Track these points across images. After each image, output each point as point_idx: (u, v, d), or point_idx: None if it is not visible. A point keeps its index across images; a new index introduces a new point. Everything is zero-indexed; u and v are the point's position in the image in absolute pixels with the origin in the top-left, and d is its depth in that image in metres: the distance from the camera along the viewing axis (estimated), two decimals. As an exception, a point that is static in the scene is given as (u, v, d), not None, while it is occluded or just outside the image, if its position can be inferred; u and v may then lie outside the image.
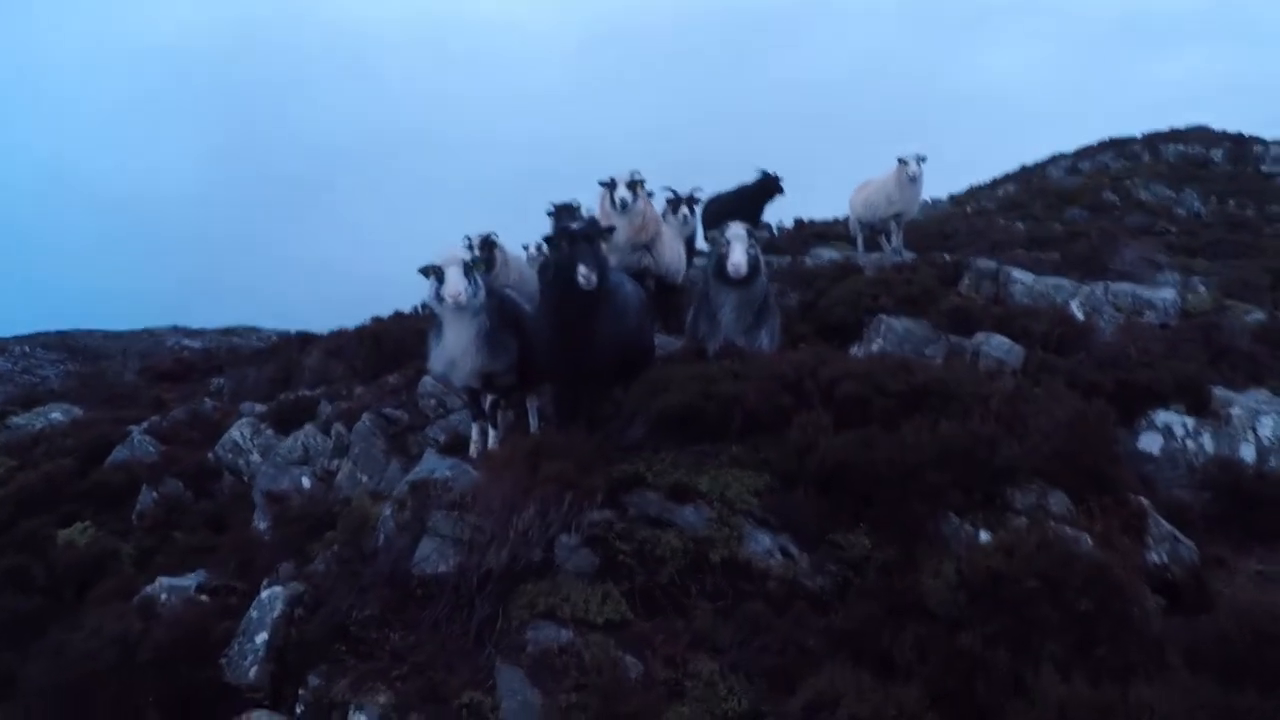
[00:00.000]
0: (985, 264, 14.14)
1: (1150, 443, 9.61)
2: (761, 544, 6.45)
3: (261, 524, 11.18)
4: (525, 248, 16.26)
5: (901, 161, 16.35)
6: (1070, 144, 42.50)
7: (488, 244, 11.74)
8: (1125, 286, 13.94)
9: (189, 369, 23.97)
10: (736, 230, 9.12)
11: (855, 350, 11.74)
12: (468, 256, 8.17)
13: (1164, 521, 7.58)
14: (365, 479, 10.82)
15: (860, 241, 18.02)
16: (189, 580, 9.07)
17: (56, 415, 21.03)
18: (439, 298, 8.06)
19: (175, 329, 43.62)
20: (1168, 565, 7.29)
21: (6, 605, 10.91)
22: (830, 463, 6.79)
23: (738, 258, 8.94)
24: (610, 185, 11.50)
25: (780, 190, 17.65)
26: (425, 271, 8.11)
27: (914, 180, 16.36)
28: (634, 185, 11.49)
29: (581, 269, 7.52)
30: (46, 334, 41.36)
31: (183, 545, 11.55)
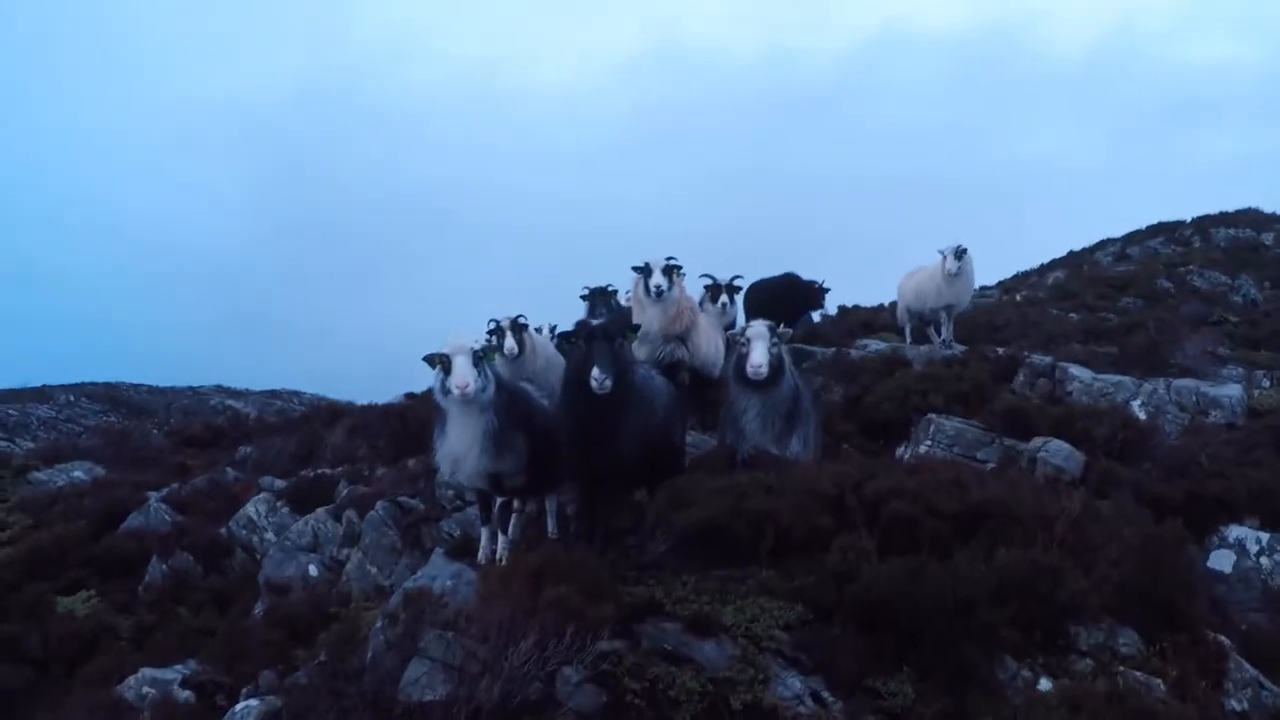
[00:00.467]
0: (1040, 359, 13.46)
1: (1222, 561, 8.94)
2: (790, 688, 5.72)
3: (263, 609, 10.60)
4: (539, 330, 15.53)
5: (942, 255, 15.58)
6: (1117, 226, 41.90)
7: (518, 327, 11.06)
8: (1188, 383, 13.19)
9: (217, 435, 23.55)
10: (758, 328, 8.56)
11: (902, 451, 11.07)
12: (477, 345, 7.52)
13: (1245, 664, 6.89)
14: (374, 570, 10.22)
15: (908, 331, 17.18)
16: (173, 673, 8.60)
17: (79, 474, 20.62)
18: (445, 390, 7.37)
19: (219, 388, 43.65)
20: (1249, 714, 6.58)
21: (-1, 677, 10.48)
22: (874, 595, 6.08)
23: (758, 358, 8.34)
24: (645, 271, 10.85)
25: (822, 303, 17.15)
26: (431, 360, 7.47)
27: (954, 276, 15.55)
28: (670, 271, 10.77)
29: (595, 372, 7.00)
30: (93, 384, 41.50)
31: (183, 626, 11.04)
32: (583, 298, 13.77)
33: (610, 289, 13.41)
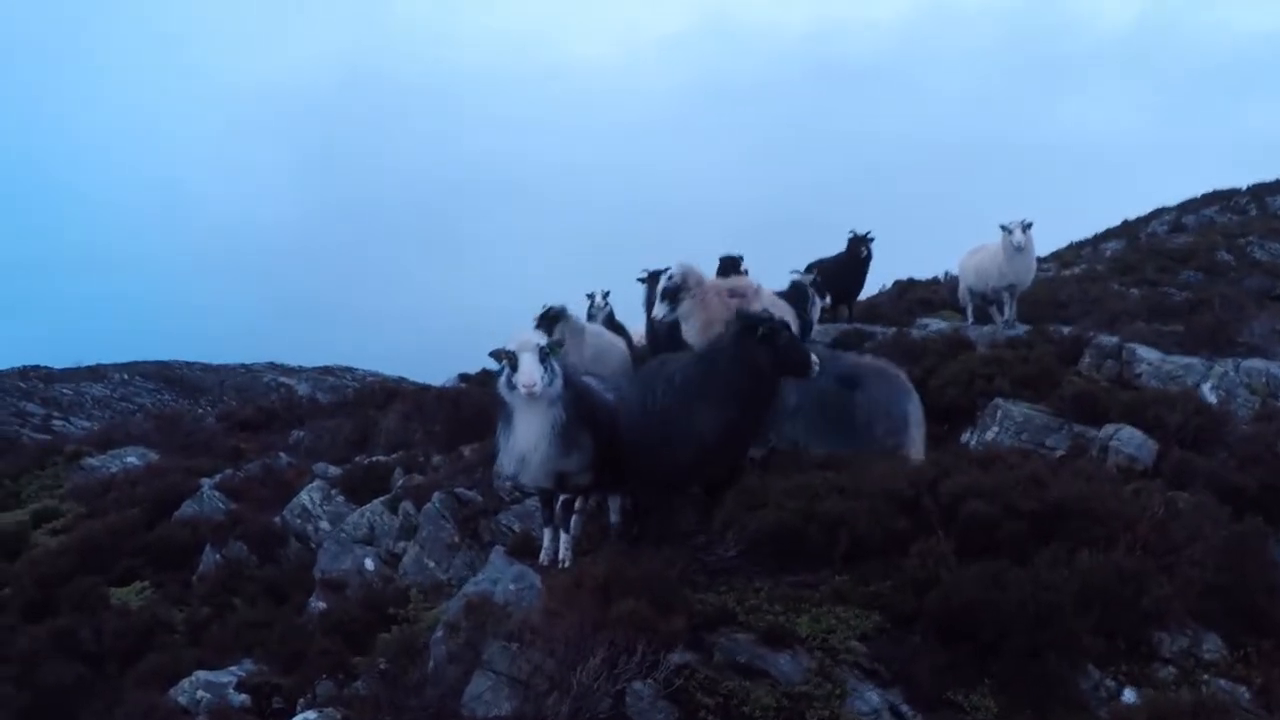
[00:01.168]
0: (1107, 340, 13.06)
1: (1297, 554, 8.52)
2: (869, 702, 5.52)
3: (318, 604, 10.47)
4: (591, 297, 15.54)
5: (1006, 230, 15.23)
6: (1170, 194, 41.12)
7: (550, 318, 10.98)
8: (1258, 364, 12.83)
9: (270, 418, 23.48)
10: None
11: (968, 437, 10.80)
12: (544, 341, 7.28)
13: (1333, 669, 6.54)
14: (432, 565, 10.05)
15: (970, 311, 16.76)
16: (228, 675, 8.48)
17: (132, 459, 20.65)
18: (510, 385, 7.15)
19: (272, 365, 43.88)
20: (1336, 724, 6.29)
21: (51, 673, 10.40)
22: (954, 603, 5.85)
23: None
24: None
25: (869, 250, 16.71)
26: (496, 356, 7.27)
27: (1020, 250, 15.20)
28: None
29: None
30: (145, 363, 41.83)
31: (238, 619, 10.90)
32: (640, 280, 13.64)
33: (670, 270, 13.29)
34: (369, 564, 10.90)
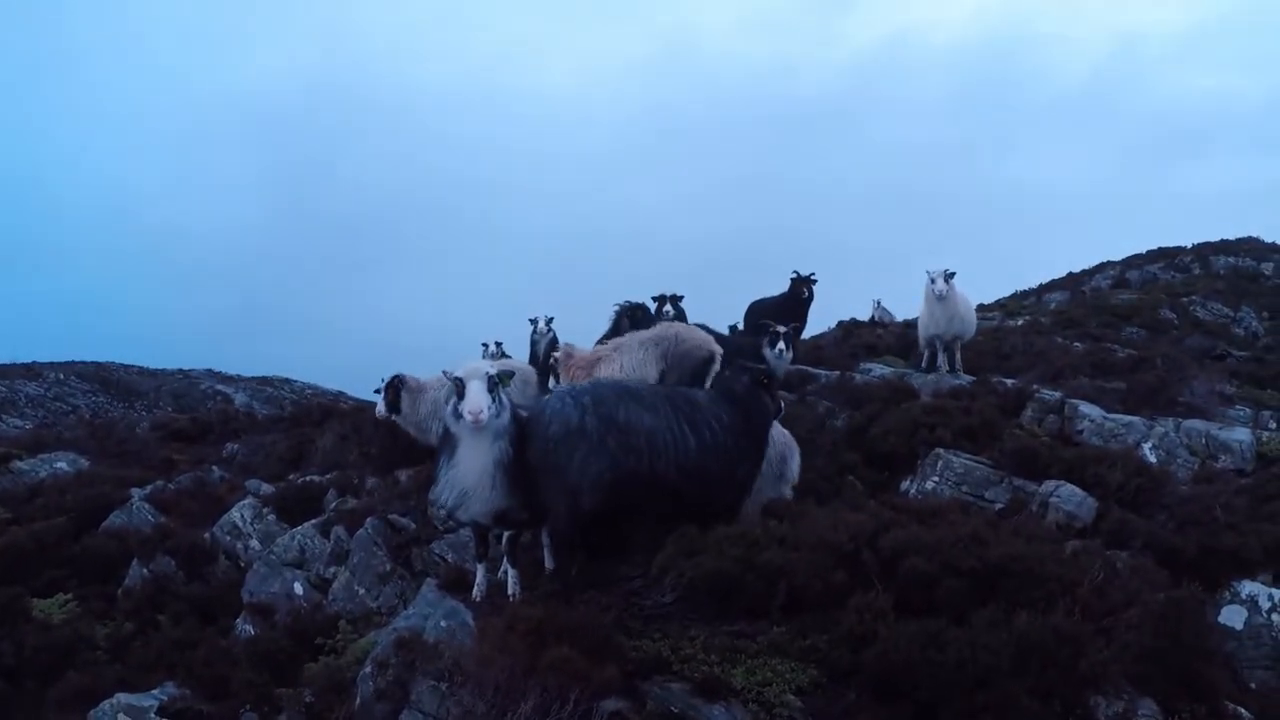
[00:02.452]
0: (1049, 395, 13.18)
1: (1233, 617, 8.61)
2: (803, 758, 5.44)
3: (246, 628, 10.26)
4: (534, 322, 16.18)
5: (929, 277, 15.39)
6: (1113, 249, 41.93)
7: (393, 386, 11.99)
8: (1198, 425, 13.03)
9: (205, 429, 23.11)
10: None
11: (908, 485, 10.79)
12: (493, 369, 7.12)
13: (1266, 738, 6.58)
14: (362, 591, 9.89)
15: (926, 357, 16.79)
16: (150, 699, 8.24)
17: (62, 465, 20.22)
18: (456, 415, 6.97)
19: (210, 373, 43.42)
20: (1268, 793, 6.32)
21: (-33, 691, 10.10)
22: (892, 661, 5.78)
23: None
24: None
25: (810, 291, 16.76)
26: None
27: (942, 299, 15.29)
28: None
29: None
30: (83, 363, 41.34)
31: (163, 637, 10.63)
32: (616, 308, 13.67)
33: (642, 305, 13.36)
34: (298, 588, 10.70)
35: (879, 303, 27.38)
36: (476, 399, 6.85)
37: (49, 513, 15.50)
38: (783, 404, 7.79)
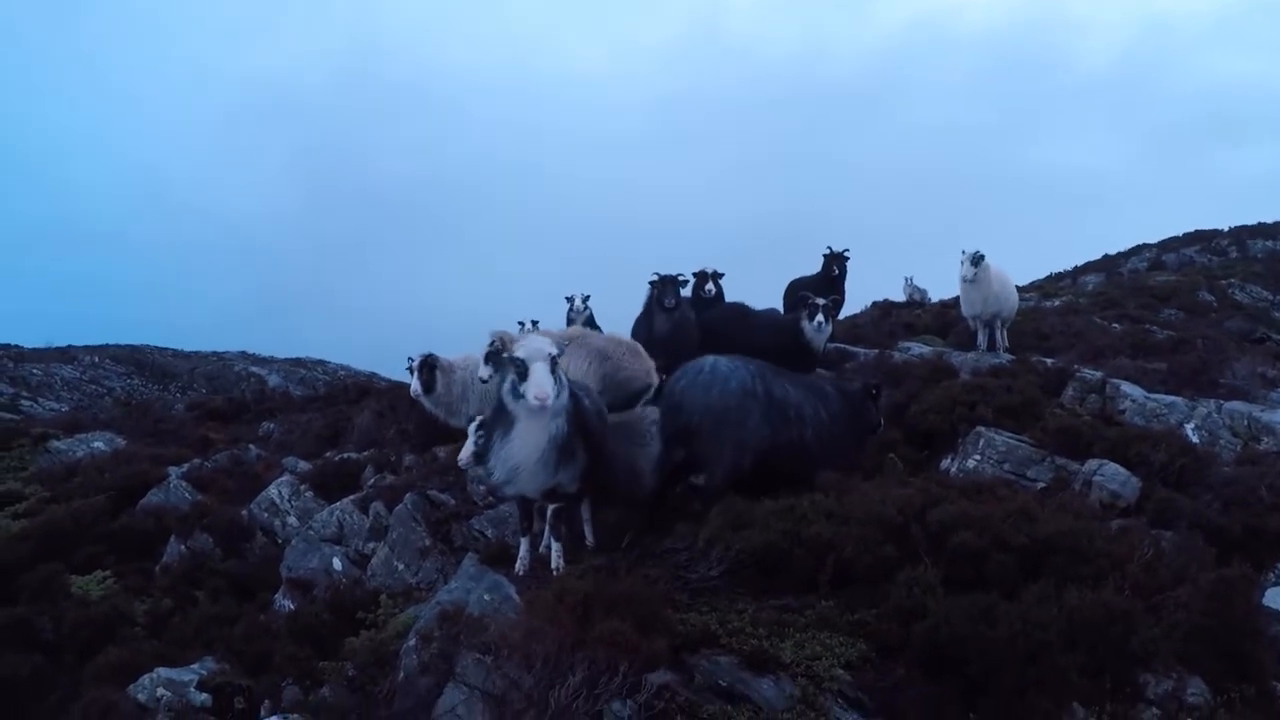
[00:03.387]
0: (1091, 374, 13.05)
1: (1278, 599, 8.43)
2: (852, 732, 5.37)
3: (285, 603, 10.27)
4: (570, 300, 16.66)
5: (962, 259, 15.41)
6: (1146, 233, 41.60)
7: (427, 366, 11.73)
8: (1240, 406, 12.80)
9: (240, 409, 23.18)
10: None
11: (949, 464, 10.66)
12: (555, 350, 7.00)
13: (1315, 721, 6.46)
14: (402, 567, 9.83)
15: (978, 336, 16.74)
16: (189, 674, 8.26)
17: (99, 444, 20.34)
18: (516, 395, 6.88)
19: (244, 355, 43.57)
20: (1315, 777, 6.21)
21: (6, 664, 10.08)
22: (942, 636, 5.70)
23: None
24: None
25: (843, 268, 16.64)
26: (496, 359, 7.09)
27: (971, 281, 15.32)
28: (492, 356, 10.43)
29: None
30: (117, 346, 41.55)
31: (201, 613, 10.66)
32: (651, 284, 13.60)
33: (681, 277, 13.29)
34: (337, 564, 10.69)
35: (910, 280, 27.28)
36: (542, 382, 6.76)
37: (87, 491, 15.60)
38: (882, 422, 8.90)
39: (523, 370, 6.83)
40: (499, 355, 10.49)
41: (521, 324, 14.99)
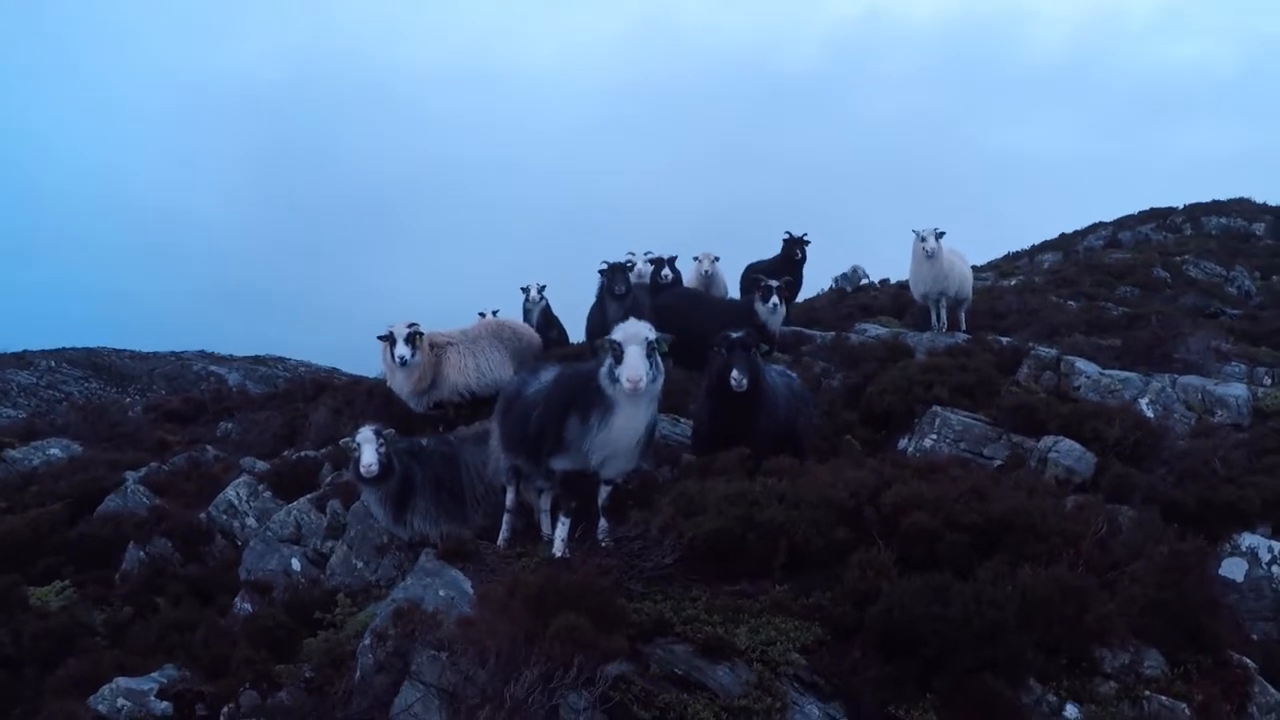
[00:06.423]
0: (1045, 352, 13.18)
1: (1233, 569, 8.60)
2: (809, 716, 5.41)
3: (244, 606, 10.19)
4: (526, 290, 16.90)
5: (918, 236, 15.71)
6: (1101, 212, 41.89)
7: (414, 337, 11.75)
8: (1194, 380, 12.97)
9: (198, 409, 22.96)
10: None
11: (906, 444, 10.72)
12: (652, 335, 7.04)
13: (1270, 687, 6.58)
14: (360, 565, 9.80)
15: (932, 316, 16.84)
16: (149, 683, 8.18)
17: (55, 451, 20.05)
18: (614, 379, 6.91)
19: (203, 354, 43.13)
20: (1274, 741, 6.29)
21: (-35, 682, 10.02)
22: (896, 617, 5.71)
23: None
24: (389, 340, 11.58)
25: (803, 252, 16.72)
26: (598, 347, 7.12)
27: (931, 256, 15.59)
28: (412, 338, 11.53)
29: (735, 374, 8.30)
30: (74, 350, 40.97)
31: (161, 620, 10.55)
32: (600, 272, 13.67)
33: (629, 263, 13.32)
34: (296, 564, 10.61)
35: (857, 269, 27.57)
36: (636, 366, 6.81)
37: (43, 500, 15.36)
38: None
39: (619, 353, 6.89)
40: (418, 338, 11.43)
41: (482, 314, 14.98)
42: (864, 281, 26.81)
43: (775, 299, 12.41)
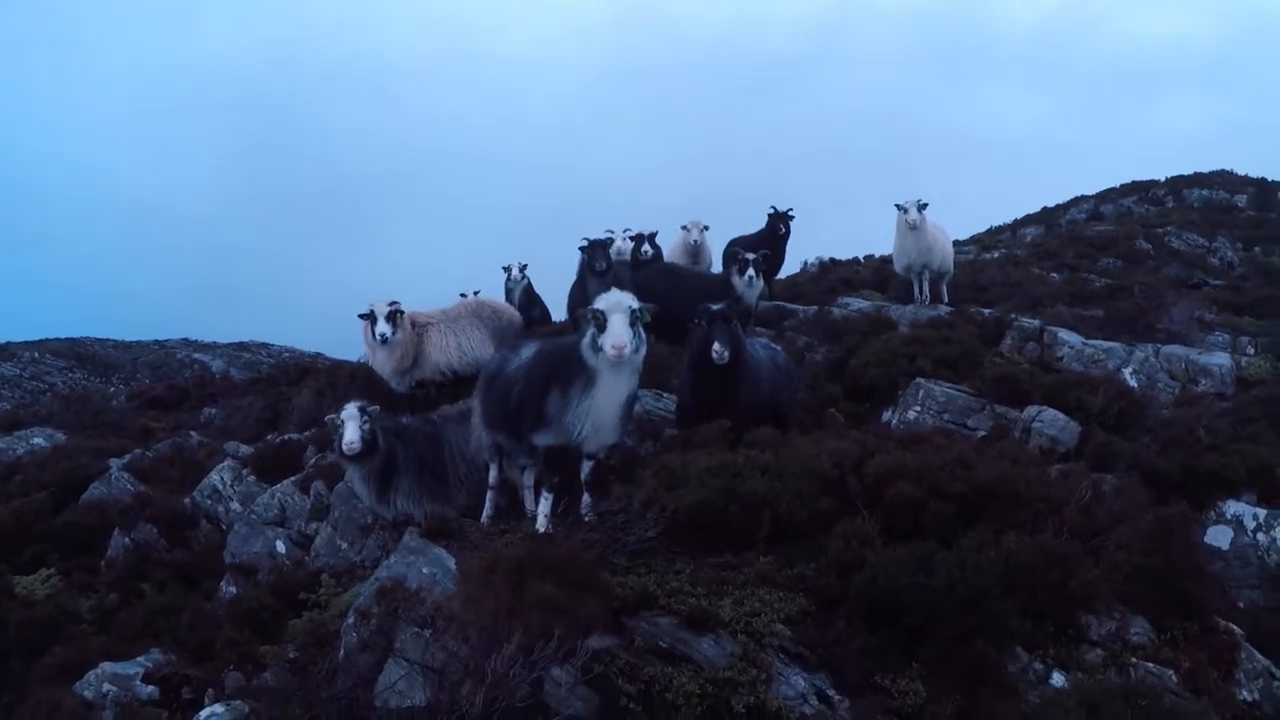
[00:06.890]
0: (1029, 323, 13.20)
1: (1219, 537, 8.61)
2: (795, 686, 5.37)
3: (229, 590, 10.16)
4: (507, 270, 17.10)
5: (900, 209, 15.84)
6: (1081, 187, 41.94)
7: (395, 315, 11.83)
8: (1177, 350, 12.99)
9: (182, 396, 22.87)
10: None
11: (890, 416, 10.74)
12: (635, 304, 7.04)
13: (1256, 653, 6.60)
14: (345, 546, 9.78)
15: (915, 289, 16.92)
16: (135, 667, 8.15)
17: (39, 441, 19.97)
18: (596, 348, 6.89)
19: (186, 342, 42.92)
20: (1260, 704, 6.30)
21: (-48, 669, 9.97)
22: (880, 586, 5.70)
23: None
24: (370, 318, 11.61)
25: (787, 227, 16.67)
26: (580, 317, 7.07)
27: (915, 228, 15.71)
28: (393, 316, 11.60)
29: (716, 347, 8.25)
30: (56, 340, 40.76)
31: (148, 605, 10.51)
32: (581, 249, 13.70)
33: (609, 239, 13.30)
34: (280, 546, 10.58)
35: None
36: (620, 333, 6.81)
37: (28, 489, 15.31)
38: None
39: (602, 322, 6.87)
40: (399, 316, 11.43)
41: (464, 294, 14.96)
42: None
43: (751, 272, 12.35)
